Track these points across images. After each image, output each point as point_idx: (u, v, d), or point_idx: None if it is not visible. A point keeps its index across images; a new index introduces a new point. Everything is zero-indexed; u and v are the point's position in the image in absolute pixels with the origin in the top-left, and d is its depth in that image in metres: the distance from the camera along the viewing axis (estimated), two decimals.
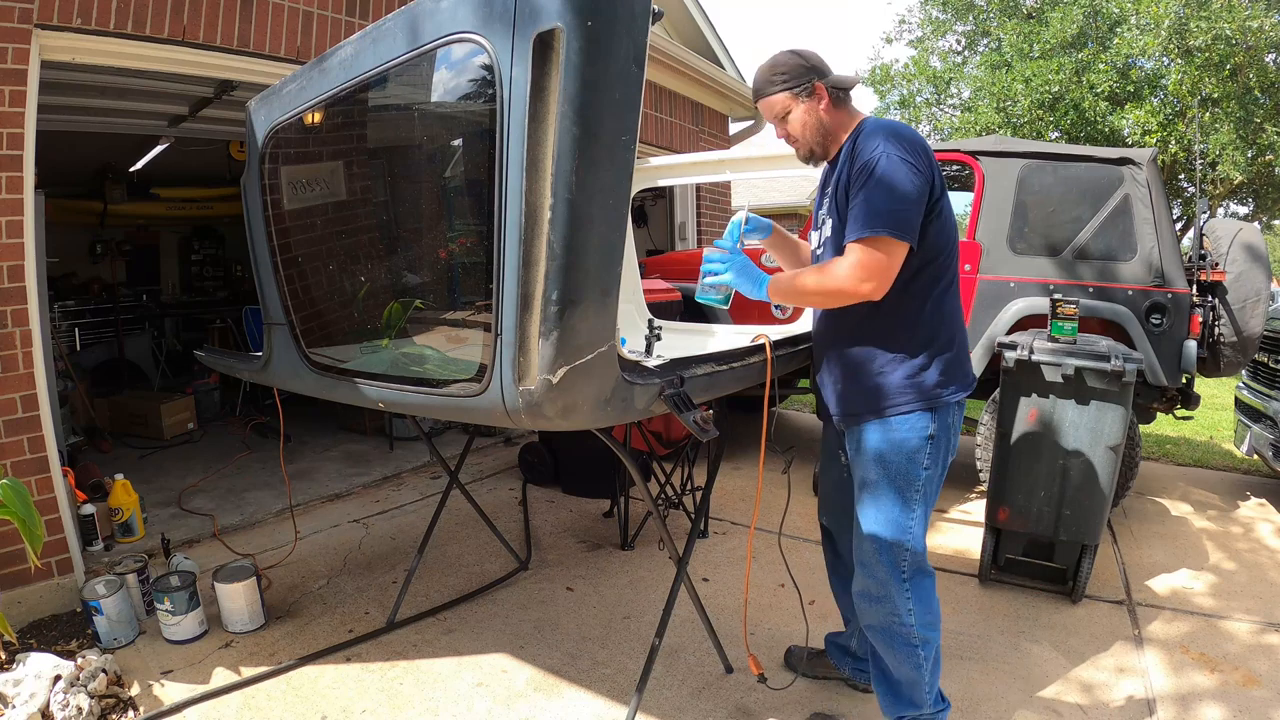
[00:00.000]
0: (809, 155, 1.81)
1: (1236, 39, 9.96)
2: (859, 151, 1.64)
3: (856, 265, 1.60)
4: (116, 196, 6.52)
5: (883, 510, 1.76)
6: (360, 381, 1.83)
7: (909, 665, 1.80)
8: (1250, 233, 3.61)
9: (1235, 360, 3.58)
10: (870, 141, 1.63)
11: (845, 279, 1.62)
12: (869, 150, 1.62)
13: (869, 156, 1.61)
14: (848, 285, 1.61)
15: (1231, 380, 4.80)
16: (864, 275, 1.59)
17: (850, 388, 1.80)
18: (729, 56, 6.95)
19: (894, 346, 1.73)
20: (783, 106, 1.76)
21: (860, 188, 1.61)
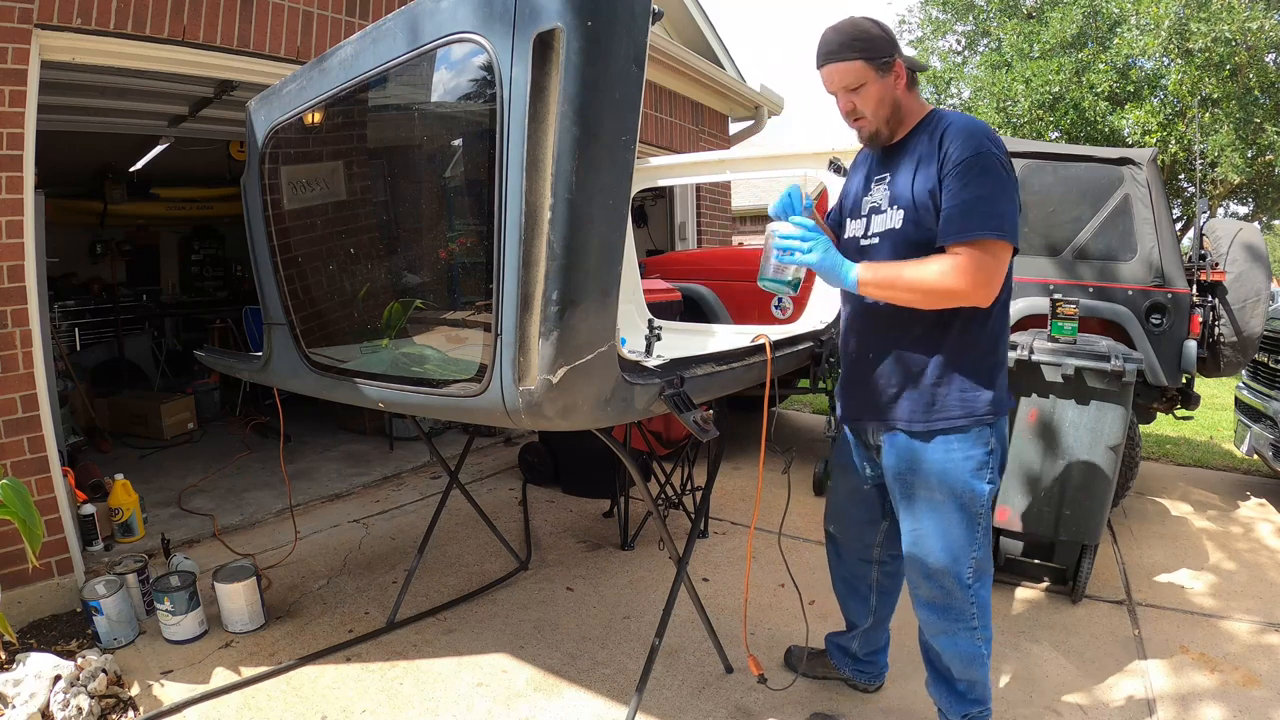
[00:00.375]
0: (873, 136, 1.67)
1: (1237, 39, 9.96)
2: (953, 144, 1.53)
3: (975, 268, 1.50)
4: (116, 196, 6.52)
5: (951, 525, 1.68)
6: (360, 381, 1.83)
7: (975, 666, 1.80)
8: (1250, 233, 3.61)
9: (1235, 360, 3.58)
10: (970, 137, 1.53)
11: (963, 280, 1.50)
12: (971, 146, 1.52)
13: (973, 152, 1.51)
14: (963, 287, 1.51)
15: (1231, 380, 4.80)
16: (982, 279, 1.51)
17: (916, 398, 1.67)
18: (729, 56, 6.95)
19: (970, 358, 1.64)
20: (857, 77, 1.58)
21: (965, 185, 1.51)
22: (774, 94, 7.32)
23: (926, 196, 1.57)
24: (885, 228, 1.67)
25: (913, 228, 1.61)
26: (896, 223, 1.64)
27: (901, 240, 1.63)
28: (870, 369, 1.74)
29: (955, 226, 1.52)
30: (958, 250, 1.52)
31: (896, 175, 1.66)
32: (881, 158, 1.73)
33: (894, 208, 1.65)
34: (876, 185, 1.72)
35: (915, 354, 1.66)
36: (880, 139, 1.67)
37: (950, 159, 1.53)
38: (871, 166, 1.77)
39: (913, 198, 1.60)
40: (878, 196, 1.71)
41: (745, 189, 14.67)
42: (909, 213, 1.61)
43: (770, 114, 7.44)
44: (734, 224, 8.91)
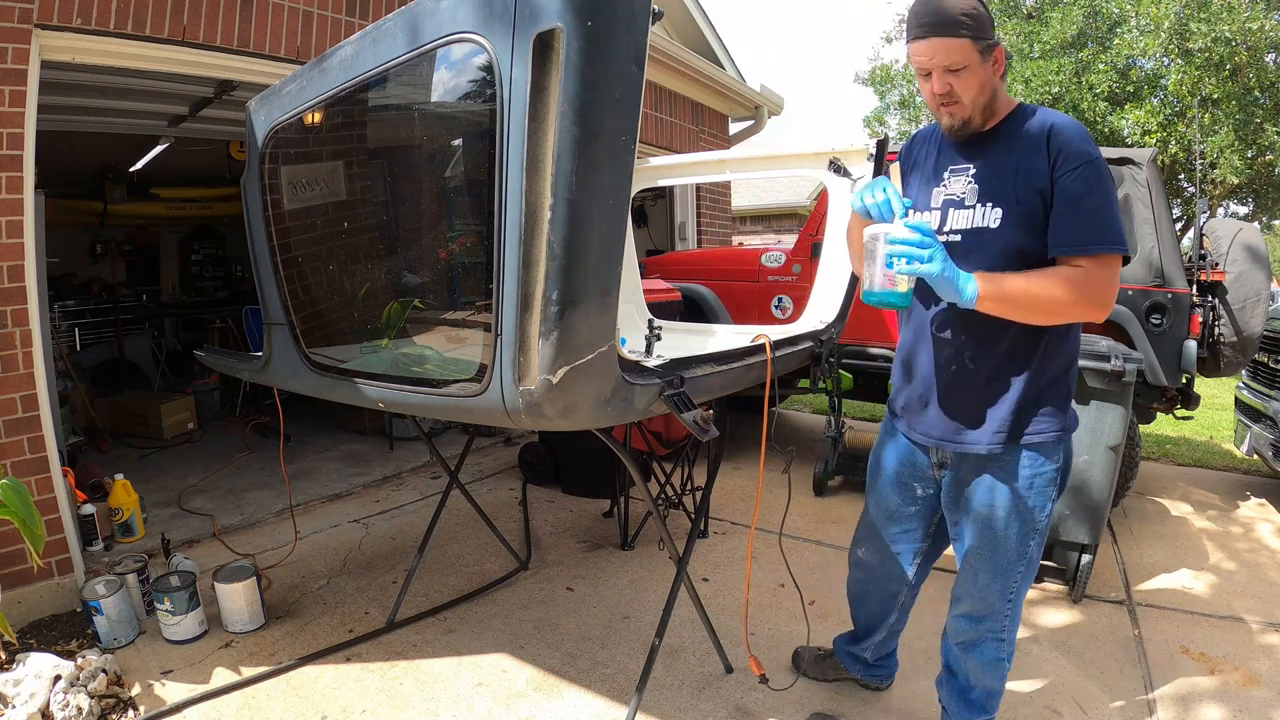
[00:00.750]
0: (963, 123, 1.51)
1: (1237, 39, 9.96)
2: (1066, 145, 1.43)
3: (1101, 283, 1.42)
4: (116, 196, 6.52)
5: (1011, 540, 1.63)
6: (360, 381, 1.83)
7: (994, 677, 1.79)
8: (1250, 233, 3.61)
9: (1235, 360, 3.58)
10: (1083, 140, 1.44)
11: (1091, 296, 1.42)
12: (1086, 150, 1.42)
13: (1090, 158, 1.42)
14: (1091, 303, 1.42)
15: (1231, 380, 4.80)
16: (1106, 296, 1.43)
17: (1004, 416, 1.57)
18: (729, 56, 6.95)
19: (1054, 374, 1.58)
20: (962, 56, 1.43)
21: (1086, 193, 1.41)
22: (774, 94, 7.32)
23: (1034, 198, 1.45)
24: (973, 225, 1.53)
25: (1015, 231, 1.48)
26: (992, 222, 1.50)
27: (1002, 243, 1.49)
28: (954, 386, 1.61)
29: (1078, 238, 1.42)
30: (1080, 264, 1.42)
31: (987, 168, 1.52)
32: (959, 145, 1.58)
33: (986, 204, 1.51)
34: (954, 176, 1.57)
35: (1008, 370, 1.56)
36: (970, 128, 1.52)
37: (1065, 162, 1.42)
38: (942, 153, 1.62)
39: (1015, 197, 1.47)
40: (958, 189, 1.56)
41: (745, 189, 14.68)
42: (1011, 213, 1.48)
43: (770, 114, 7.45)
44: (734, 224, 8.92)
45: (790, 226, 14.71)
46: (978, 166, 1.54)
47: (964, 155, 1.57)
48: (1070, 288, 1.41)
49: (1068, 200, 1.43)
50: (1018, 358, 1.55)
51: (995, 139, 1.53)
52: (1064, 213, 1.43)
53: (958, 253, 1.52)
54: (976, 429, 1.60)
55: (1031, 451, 1.58)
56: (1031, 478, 1.59)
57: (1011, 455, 1.58)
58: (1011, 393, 1.56)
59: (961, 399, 1.61)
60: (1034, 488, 1.60)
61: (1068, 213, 1.43)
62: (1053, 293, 1.41)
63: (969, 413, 1.60)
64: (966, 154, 1.57)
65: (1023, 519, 1.61)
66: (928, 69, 1.48)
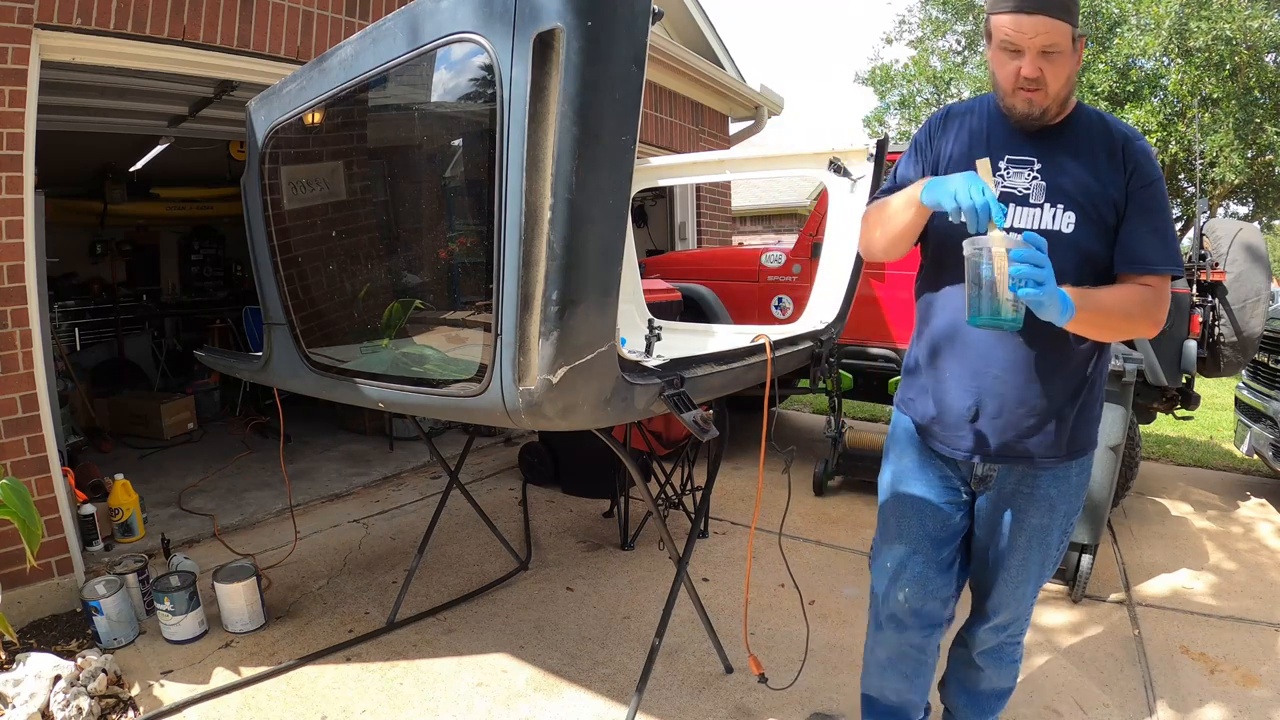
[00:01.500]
0: (1043, 111, 1.39)
1: (1237, 39, 9.96)
2: (1142, 158, 1.40)
3: (1166, 303, 1.42)
4: (116, 196, 6.52)
5: (1054, 548, 1.61)
6: (360, 381, 1.83)
7: (1009, 677, 1.78)
8: (1250, 233, 3.61)
9: (1235, 360, 3.58)
10: (1152, 157, 1.41)
11: (1161, 316, 1.42)
12: (1156, 168, 1.41)
13: (1158, 174, 1.41)
14: (1156, 322, 1.42)
15: (1231, 380, 4.80)
16: (1165, 315, 1.43)
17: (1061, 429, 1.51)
18: (729, 56, 6.95)
19: (1099, 385, 1.57)
20: (1061, 40, 1.32)
21: (1160, 211, 1.40)
22: (774, 94, 7.32)
23: (1108, 207, 1.40)
24: (1041, 227, 1.41)
25: (1089, 239, 1.41)
26: (1065, 226, 1.40)
27: (1074, 250, 1.40)
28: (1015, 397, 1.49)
29: (1152, 256, 1.39)
30: (1149, 282, 1.40)
31: (1054, 166, 1.42)
32: (1017, 134, 1.46)
33: (1057, 206, 1.41)
34: (1015, 168, 1.45)
35: (1073, 378, 1.49)
36: (1045, 119, 1.41)
37: (1140, 176, 1.39)
38: (996, 138, 1.48)
39: (1091, 202, 1.40)
40: (1020, 183, 1.44)
41: (745, 189, 14.68)
42: (1086, 219, 1.40)
43: (770, 114, 7.45)
44: (734, 224, 8.92)
45: (790, 226, 14.71)
46: (1044, 162, 1.43)
47: (1026, 146, 1.45)
48: (1142, 307, 1.39)
49: (1143, 217, 1.39)
50: (1080, 366, 1.49)
51: (1061, 135, 1.43)
52: (1140, 229, 1.40)
53: None
54: (1040, 440, 1.50)
55: (1082, 459, 1.56)
56: (1079, 486, 1.58)
57: (1062, 468, 1.54)
58: (1077, 402, 1.50)
59: (1024, 410, 1.49)
60: (1080, 493, 1.60)
61: (1143, 230, 1.39)
62: (1131, 310, 1.39)
63: (1032, 425, 1.49)
64: (1029, 145, 1.45)
65: (1068, 525, 1.61)
66: (1021, 47, 1.33)
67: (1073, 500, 1.59)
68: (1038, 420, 1.49)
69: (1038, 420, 1.49)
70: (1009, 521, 1.58)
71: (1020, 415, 1.49)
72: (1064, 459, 1.53)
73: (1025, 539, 1.58)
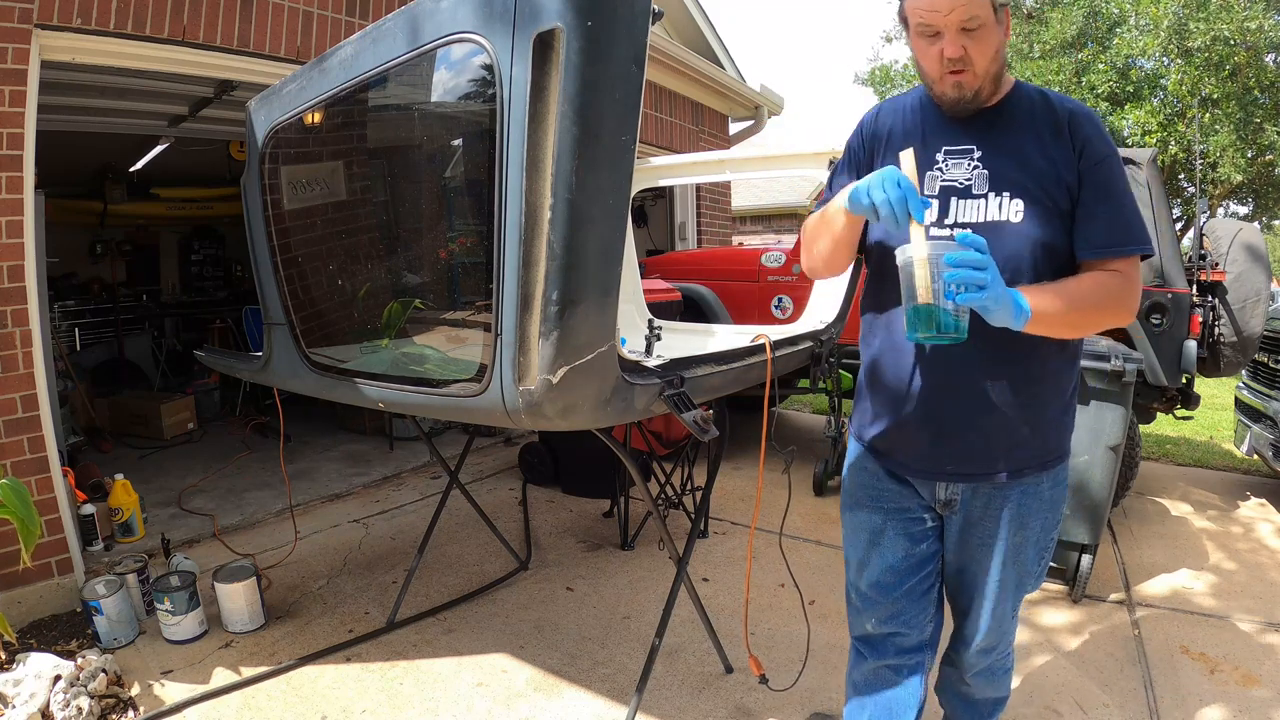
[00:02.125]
0: (975, 93, 1.27)
1: (1236, 39, 9.96)
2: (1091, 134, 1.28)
3: (1139, 286, 1.30)
4: (116, 196, 6.52)
5: (1032, 564, 1.48)
6: (360, 381, 1.83)
7: (1003, 686, 1.69)
8: (1250, 233, 3.61)
9: (1235, 360, 3.58)
10: (1103, 131, 1.29)
11: (1134, 303, 1.30)
12: (1108, 143, 1.29)
13: (1111, 150, 1.28)
14: (1129, 310, 1.30)
15: (1231, 380, 4.80)
16: (1139, 300, 1.31)
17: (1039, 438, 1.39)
18: (729, 56, 6.95)
19: (1073, 381, 1.44)
20: (982, 13, 1.20)
21: (1120, 189, 1.28)
22: (774, 94, 7.32)
23: (1059, 190, 1.27)
24: (987, 218, 1.30)
25: (1041, 226, 1.28)
26: (1014, 215, 1.28)
27: (1027, 240, 1.28)
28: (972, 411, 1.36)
29: (1115, 239, 1.27)
30: (1118, 267, 1.27)
31: (996, 151, 1.30)
32: (955, 122, 1.34)
33: (1002, 194, 1.29)
34: (953, 158, 1.33)
35: (1036, 386, 1.35)
36: (979, 101, 1.29)
37: (1092, 153, 1.27)
38: (930, 129, 1.37)
39: (1039, 186, 1.27)
40: (960, 174, 1.32)
41: (745, 189, 14.68)
42: (1036, 205, 1.27)
43: (770, 114, 7.45)
44: (734, 224, 8.92)
45: (790, 226, 14.72)
46: (983, 149, 1.31)
47: (963, 134, 1.33)
48: (1111, 296, 1.26)
49: (1099, 197, 1.27)
50: (1045, 372, 1.35)
51: (1000, 117, 1.32)
52: (1097, 210, 1.27)
53: None
54: (1004, 457, 1.37)
55: (1054, 471, 1.43)
56: (1055, 499, 1.45)
57: (1038, 480, 1.41)
58: (1043, 411, 1.37)
59: (982, 426, 1.36)
60: (1055, 506, 1.46)
61: (1101, 211, 1.27)
62: (1100, 301, 1.25)
63: (993, 441, 1.37)
64: (966, 133, 1.33)
65: (1045, 540, 1.48)
66: (939, 27, 1.23)
67: (1048, 515, 1.45)
68: (999, 436, 1.36)
69: (999, 436, 1.36)
70: (979, 544, 1.46)
71: (979, 432, 1.36)
72: (1033, 472, 1.40)
73: (999, 561, 1.45)
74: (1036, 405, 1.36)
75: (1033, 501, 1.42)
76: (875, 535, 1.52)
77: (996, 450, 1.37)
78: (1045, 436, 1.39)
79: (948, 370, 1.36)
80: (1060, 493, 1.47)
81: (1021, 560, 1.47)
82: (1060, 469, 1.45)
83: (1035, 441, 1.38)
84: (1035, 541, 1.46)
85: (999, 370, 1.33)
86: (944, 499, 1.45)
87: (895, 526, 1.50)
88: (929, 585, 1.53)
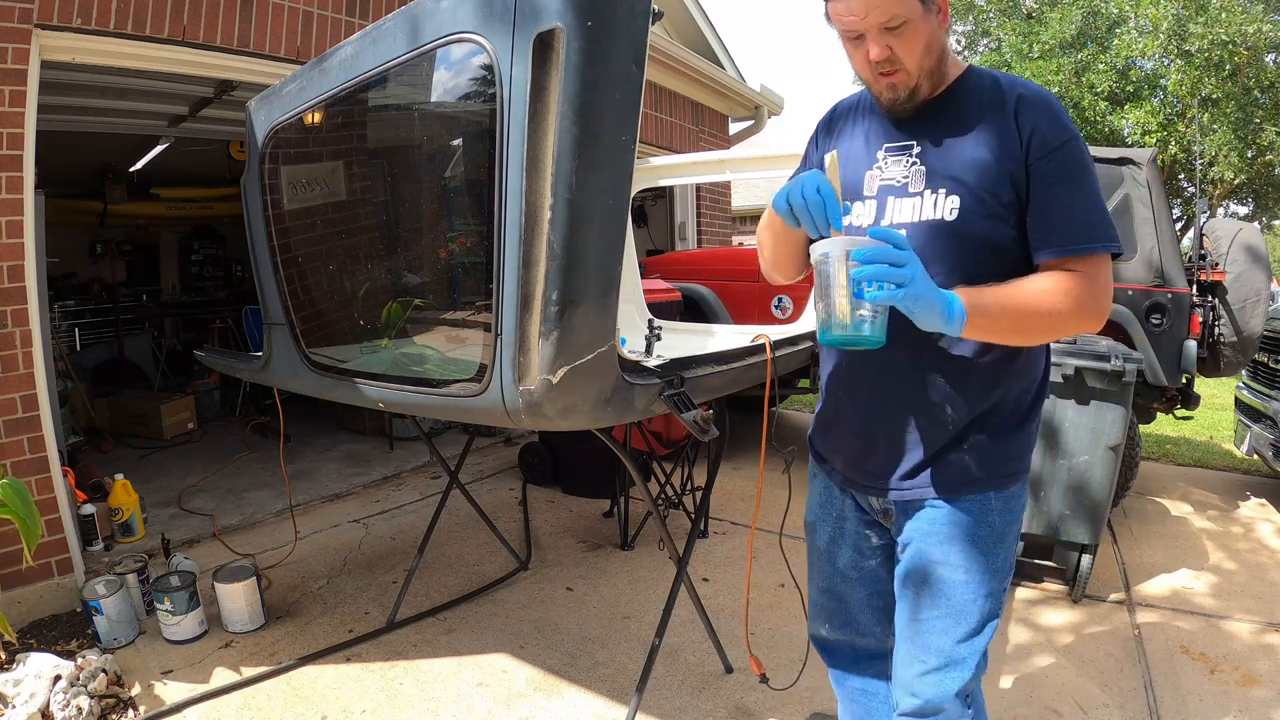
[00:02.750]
0: (909, 94, 1.20)
1: (1236, 40, 9.97)
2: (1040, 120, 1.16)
3: (1103, 291, 1.16)
4: (116, 196, 6.52)
5: (963, 604, 1.26)
6: (360, 381, 1.83)
7: None
8: (1250, 233, 3.61)
9: (1235, 360, 3.59)
10: (1057, 114, 1.17)
11: (1095, 307, 1.15)
12: (1064, 126, 1.16)
13: (1071, 136, 1.16)
14: (1095, 315, 1.16)
15: (1231, 380, 4.81)
16: (1107, 304, 1.17)
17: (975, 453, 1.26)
18: (729, 56, 6.95)
19: (1027, 393, 1.29)
20: (902, 9, 1.12)
21: (1072, 181, 1.15)
22: (774, 94, 7.32)
23: (1002, 183, 1.16)
24: (921, 218, 1.22)
25: (979, 222, 1.18)
26: (948, 213, 1.19)
27: (964, 239, 1.19)
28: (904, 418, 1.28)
29: (1073, 237, 1.15)
30: (1075, 266, 1.15)
31: (935, 146, 1.22)
32: (898, 119, 1.27)
33: (937, 191, 1.20)
34: (893, 156, 1.26)
35: (979, 400, 1.25)
36: (917, 99, 1.21)
37: (1042, 142, 1.15)
38: (873, 127, 1.31)
39: (977, 180, 1.17)
40: (898, 172, 1.25)
41: (745, 189, 14.68)
42: (973, 201, 1.18)
43: (770, 114, 7.45)
44: (734, 224, 8.91)
45: None
46: (923, 144, 1.23)
47: (903, 129, 1.26)
48: (1067, 298, 1.13)
49: (1052, 190, 1.15)
50: (990, 380, 1.25)
51: (944, 109, 1.23)
52: (1050, 206, 1.16)
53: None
54: (939, 472, 1.27)
55: (1006, 491, 1.28)
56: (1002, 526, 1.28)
57: (982, 497, 1.27)
58: (986, 423, 1.26)
59: (915, 437, 1.28)
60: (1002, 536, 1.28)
61: (1055, 206, 1.16)
62: (1054, 304, 1.13)
63: (927, 454, 1.28)
64: (907, 128, 1.26)
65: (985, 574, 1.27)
66: (859, 30, 1.15)
67: (989, 546, 1.26)
68: (934, 450, 1.27)
69: (934, 450, 1.27)
70: (905, 565, 1.32)
71: (912, 443, 1.28)
72: (973, 492, 1.26)
73: (916, 587, 1.30)
74: (981, 418, 1.26)
75: (971, 527, 1.26)
76: (826, 543, 1.50)
77: (931, 466, 1.27)
78: (992, 453, 1.26)
79: (883, 377, 1.29)
80: (1009, 520, 1.29)
81: (947, 596, 1.26)
82: (1013, 493, 1.29)
83: (979, 459, 1.26)
84: (970, 577, 1.26)
85: (937, 379, 1.25)
86: (879, 508, 1.38)
87: (842, 537, 1.46)
88: (885, 602, 1.43)
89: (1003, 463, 1.27)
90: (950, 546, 1.27)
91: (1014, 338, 1.19)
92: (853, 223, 1.29)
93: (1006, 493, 1.28)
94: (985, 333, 1.15)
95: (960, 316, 1.08)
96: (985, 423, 1.26)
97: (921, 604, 1.29)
